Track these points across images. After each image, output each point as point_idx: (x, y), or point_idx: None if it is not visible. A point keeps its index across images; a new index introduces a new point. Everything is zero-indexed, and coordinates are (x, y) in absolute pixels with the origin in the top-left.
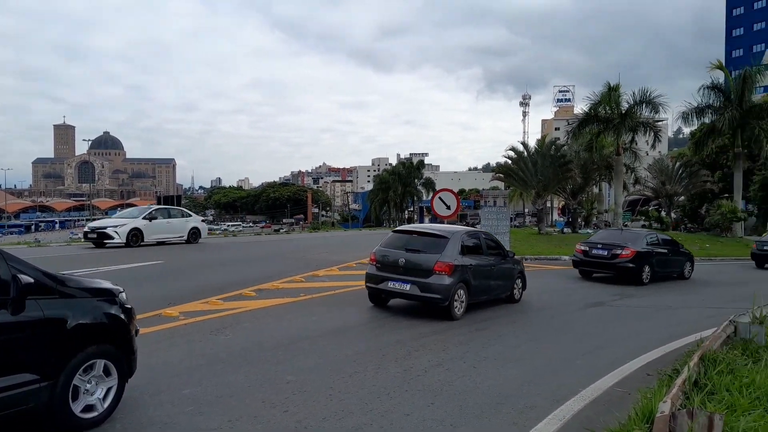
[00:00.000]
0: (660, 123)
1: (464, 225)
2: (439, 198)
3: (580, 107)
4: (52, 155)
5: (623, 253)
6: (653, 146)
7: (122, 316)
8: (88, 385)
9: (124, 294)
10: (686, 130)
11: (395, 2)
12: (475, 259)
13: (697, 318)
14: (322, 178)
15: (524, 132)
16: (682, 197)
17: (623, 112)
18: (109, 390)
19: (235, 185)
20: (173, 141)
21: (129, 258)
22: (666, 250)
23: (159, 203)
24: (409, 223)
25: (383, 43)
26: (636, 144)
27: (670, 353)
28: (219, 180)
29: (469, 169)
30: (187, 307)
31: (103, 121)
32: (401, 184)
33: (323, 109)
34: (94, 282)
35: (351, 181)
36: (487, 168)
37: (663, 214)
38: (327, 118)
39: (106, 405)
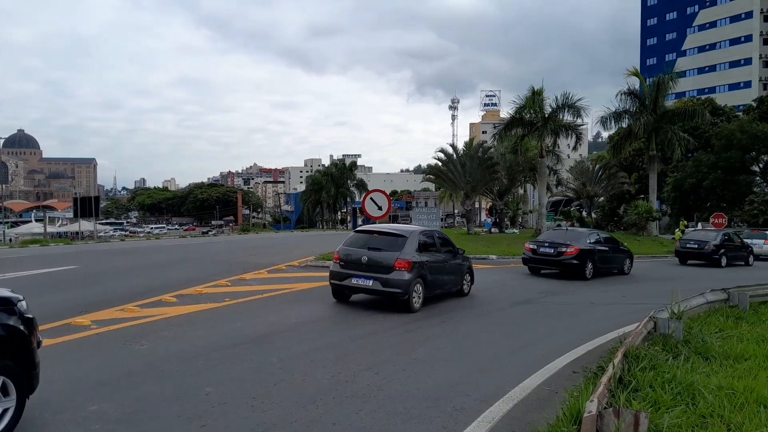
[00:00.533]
0: (581, 127)
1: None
2: (371, 199)
3: (506, 111)
4: None
5: (567, 250)
6: (575, 149)
7: (22, 327)
8: None
9: (24, 302)
10: (605, 134)
11: (325, 3)
12: (431, 256)
13: (622, 313)
14: (253, 178)
15: (454, 135)
16: (602, 198)
17: (546, 115)
18: (5, 411)
19: (161, 186)
20: (94, 140)
21: (40, 263)
22: (607, 248)
23: (75, 206)
24: (342, 224)
25: (314, 44)
26: (558, 147)
27: (596, 349)
28: (143, 181)
29: (402, 171)
30: (100, 315)
31: (17, 118)
32: (334, 185)
33: (253, 109)
34: None
35: (283, 182)
36: (418, 170)
37: (584, 214)
38: (258, 117)
39: (1, 428)
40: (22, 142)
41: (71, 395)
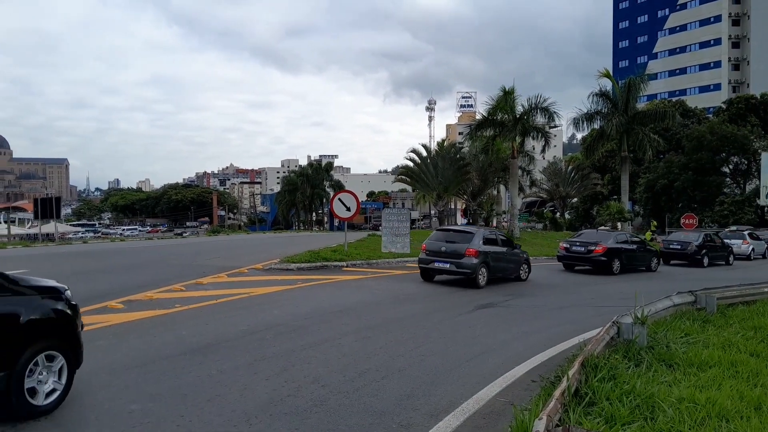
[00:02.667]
0: (554, 129)
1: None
2: (339, 199)
3: (481, 112)
4: None
5: (596, 248)
6: (543, 150)
7: (69, 312)
8: (41, 376)
9: (69, 291)
10: (579, 136)
11: (299, 2)
12: (493, 248)
13: (587, 316)
14: (229, 179)
15: (430, 136)
16: (575, 199)
17: (517, 116)
18: (59, 380)
19: (135, 187)
20: (65, 140)
21: None
22: (634, 248)
23: (36, 207)
24: (318, 224)
25: (288, 43)
26: (534, 148)
27: (558, 355)
28: (117, 181)
29: (379, 172)
30: None
31: None
32: (309, 186)
33: (227, 108)
34: (41, 281)
35: (260, 182)
36: (395, 171)
37: (558, 215)
38: (232, 117)
39: (56, 395)
40: None
41: None
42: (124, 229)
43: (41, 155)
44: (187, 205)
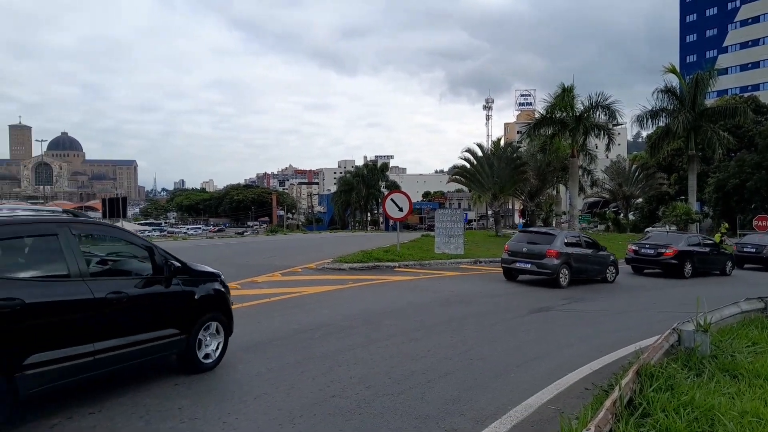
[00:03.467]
0: (617, 126)
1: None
2: (391, 200)
3: (540, 111)
4: (8, 156)
5: (666, 251)
6: (607, 149)
7: (224, 291)
8: (207, 340)
9: (222, 276)
10: (644, 134)
11: (355, 4)
12: (576, 250)
13: (649, 322)
14: (288, 180)
15: (488, 135)
16: (640, 199)
17: (578, 114)
18: (219, 344)
19: (199, 187)
20: (133, 142)
21: None
22: (707, 250)
23: (105, 207)
24: (374, 224)
25: (345, 45)
26: (596, 147)
27: (614, 363)
28: (182, 182)
29: (435, 172)
30: None
31: (59, 121)
32: (365, 186)
33: (287, 110)
34: (205, 267)
35: (317, 183)
36: (451, 171)
37: (621, 216)
38: (291, 119)
39: (217, 354)
40: (65, 144)
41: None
42: (188, 228)
43: (111, 157)
44: (248, 205)
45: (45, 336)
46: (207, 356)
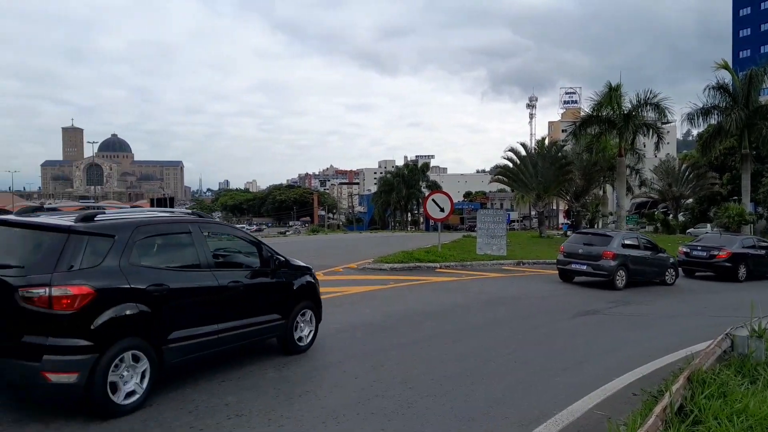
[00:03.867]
0: (667, 125)
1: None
2: (432, 200)
3: (586, 109)
4: (60, 158)
5: (720, 254)
6: (657, 148)
7: (314, 282)
8: (302, 325)
9: (312, 269)
10: (694, 132)
11: (396, 3)
12: (633, 252)
13: (699, 327)
14: (329, 180)
15: (531, 134)
16: (690, 200)
17: (625, 112)
18: (311, 329)
19: (243, 187)
20: (180, 143)
21: None
22: (763, 253)
23: (153, 206)
24: (414, 224)
25: (385, 45)
26: (644, 145)
27: (663, 368)
28: (227, 182)
29: (477, 172)
30: None
31: (110, 123)
32: (405, 186)
33: (328, 111)
34: (298, 262)
35: (358, 183)
36: (493, 170)
37: (670, 217)
38: (332, 120)
39: (309, 338)
40: (115, 146)
41: None
42: None
43: (159, 158)
44: (290, 205)
45: (183, 316)
46: (301, 339)
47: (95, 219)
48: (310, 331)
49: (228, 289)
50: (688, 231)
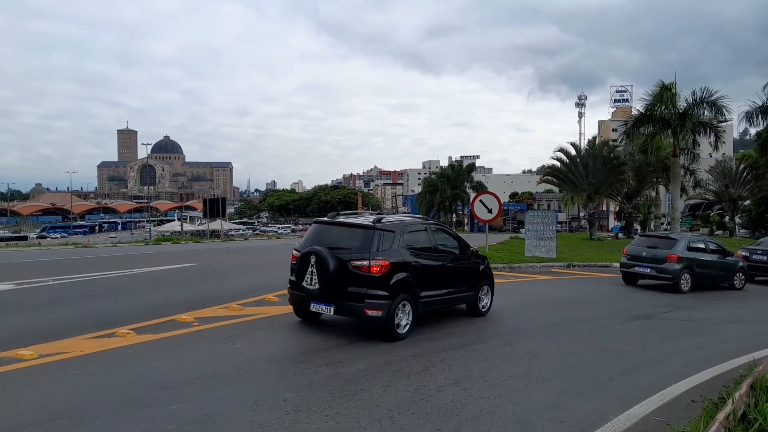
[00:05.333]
0: (723, 124)
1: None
2: (480, 201)
3: (638, 108)
4: (116, 159)
5: None
6: (715, 148)
7: (489, 268)
8: (482, 297)
9: (487, 259)
10: (752, 131)
11: (440, 2)
12: (699, 255)
13: (758, 334)
14: (373, 180)
15: (580, 133)
16: (748, 201)
17: (681, 111)
18: (489, 300)
19: (289, 188)
20: (229, 145)
21: (166, 260)
22: None
23: (205, 207)
24: (458, 225)
25: (430, 44)
26: (699, 146)
27: (722, 375)
28: (274, 183)
29: (523, 172)
30: (204, 312)
31: (162, 125)
32: (450, 187)
33: (373, 112)
34: (475, 249)
35: (401, 183)
36: (540, 171)
37: (727, 219)
38: (377, 120)
39: (487, 307)
40: (167, 147)
41: (156, 393)
42: (278, 228)
43: (209, 159)
44: (334, 206)
45: (425, 282)
46: (483, 306)
47: (383, 221)
48: (489, 301)
49: (446, 267)
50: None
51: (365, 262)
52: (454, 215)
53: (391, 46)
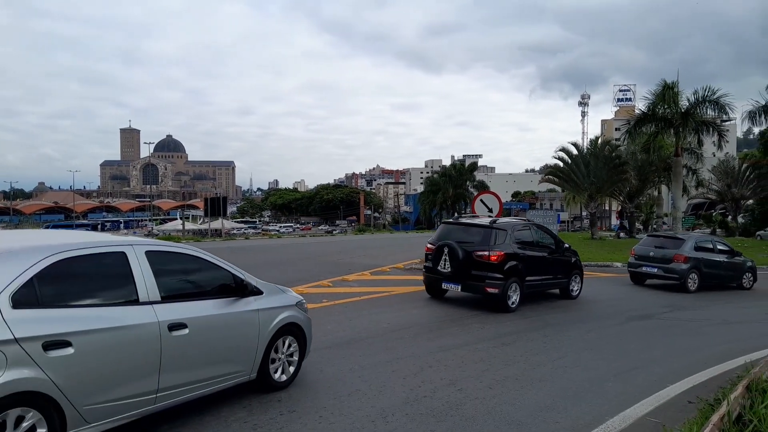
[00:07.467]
0: (727, 123)
1: None
2: (481, 200)
3: (641, 107)
4: (119, 158)
5: None
6: (719, 147)
7: (578, 260)
8: (574, 284)
9: (577, 253)
10: (756, 130)
11: (442, 1)
12: (706, 255)
13: (757, 335)
14: (375, 180)
15: (583, 132)
16: (750, 201)
17: (683, 111)
18: (579, 286)
19: (292, 187)
20: (232, 144)
21: None
22: None
23: (206, 205)
24: None
25: (432, 43)
26: (703, 145)
27: (719, 376)
28: (276, 182)
29: (526, 171)
30: None
31: (165, 124)
32: (452, 186)
33: (376, 111)
34: (568, 246)
35: (404, 183)
36: (543, 170)
37: (729, 218)
38: (380, 120)
39: (578, 292)
40: (170, 146)
41: None
42: (280, 227)
43: (211, 158)
44: (337, 205)
45: (530, 269)
46: (572, 291)
47: (497, 222)
48: (579, 287)
49: (545, 258)
50: (758, 234)
51: (486, 252)
52: (456, 215)
53: (394, 45)
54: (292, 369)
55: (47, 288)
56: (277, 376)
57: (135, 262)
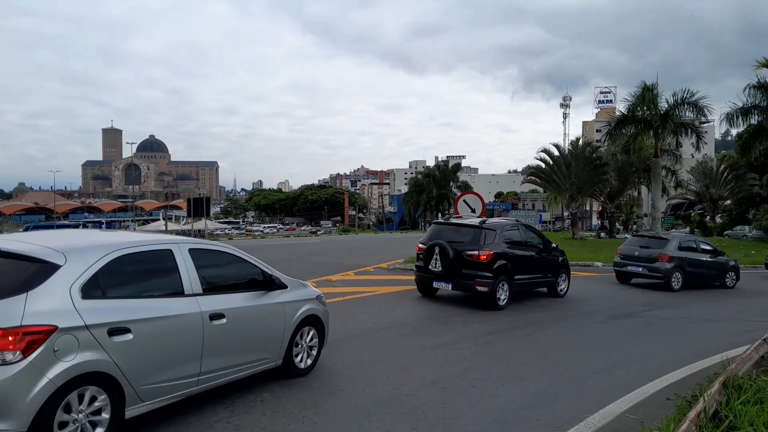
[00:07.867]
0: (705, 125)
1: None
2: (464, 201)
3: (621, 109)
4: (101, 158)
5: None
6: (698, 149)
7: (565, 259)
8: (560, 282)
9: (564, 252)
10: (734, 132)
11: (425, 2)
12: (690, 254)
13: (735, 333)
14: (359, 180)
15: (565, 134)
16: (728, 201)
17: (662, 113)
18: (566, 284)
19: (276, 187)
20: (215, 144)
21: None
22: None
23: (189, 206)
24: None
25: (415, 44)
26: (681, 146)
27: (698, 373)
28: (260, 182)
29: (508, 172)
30: None
31: (147, 124)
32: (436, 187)
33: (360, 112)
34: (556, 247)
35: (388, 183)
36: (525, 171)
37: (707, 218)
38: (364, 120)
39: (565, 290)
40: (153, 146)
41: None
42: (264, 227)
43: (195, 158)
44: (321, 205)
45: (518, 268)
46: (561, 290)
47: (486, 222)
48: (566, 286)
49: (533, 258)
50: (726, 233)
51: (476, 252)
52: (440, 215)
53: (377, 46)
54: (311, 358)
55: (109, 281)
56: (300, 363)
57: (180, 259)
